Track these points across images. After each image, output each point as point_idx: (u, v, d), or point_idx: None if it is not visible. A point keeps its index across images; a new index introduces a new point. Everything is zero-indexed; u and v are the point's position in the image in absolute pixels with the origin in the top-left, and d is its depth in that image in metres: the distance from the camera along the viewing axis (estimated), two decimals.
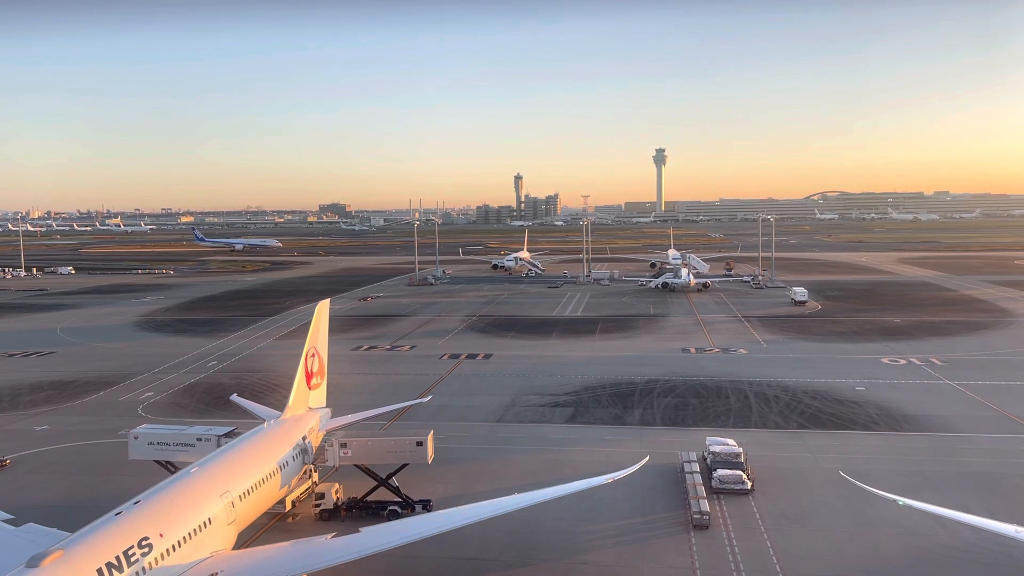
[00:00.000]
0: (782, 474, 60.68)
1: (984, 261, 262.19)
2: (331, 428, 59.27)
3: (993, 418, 76.03)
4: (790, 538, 49.54)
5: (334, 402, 64.71)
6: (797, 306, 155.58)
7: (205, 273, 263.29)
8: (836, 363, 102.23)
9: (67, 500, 57.44)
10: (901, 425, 74.19)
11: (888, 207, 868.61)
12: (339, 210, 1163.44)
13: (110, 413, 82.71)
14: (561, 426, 76.08)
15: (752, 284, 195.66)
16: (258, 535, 49.64)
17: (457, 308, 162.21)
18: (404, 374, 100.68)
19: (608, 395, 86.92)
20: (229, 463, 46.59)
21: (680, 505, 54.54)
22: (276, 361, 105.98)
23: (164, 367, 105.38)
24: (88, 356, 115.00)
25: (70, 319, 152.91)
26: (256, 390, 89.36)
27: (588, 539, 49.92)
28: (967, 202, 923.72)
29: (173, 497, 40.47)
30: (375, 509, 54.18)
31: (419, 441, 54.64)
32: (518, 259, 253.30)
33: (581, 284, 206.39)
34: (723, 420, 76.80)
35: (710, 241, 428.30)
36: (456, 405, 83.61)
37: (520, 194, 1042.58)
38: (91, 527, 36.07)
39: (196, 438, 54.74)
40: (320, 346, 61.51)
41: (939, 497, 50.95)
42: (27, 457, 68.63)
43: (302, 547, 41.41)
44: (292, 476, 51.90)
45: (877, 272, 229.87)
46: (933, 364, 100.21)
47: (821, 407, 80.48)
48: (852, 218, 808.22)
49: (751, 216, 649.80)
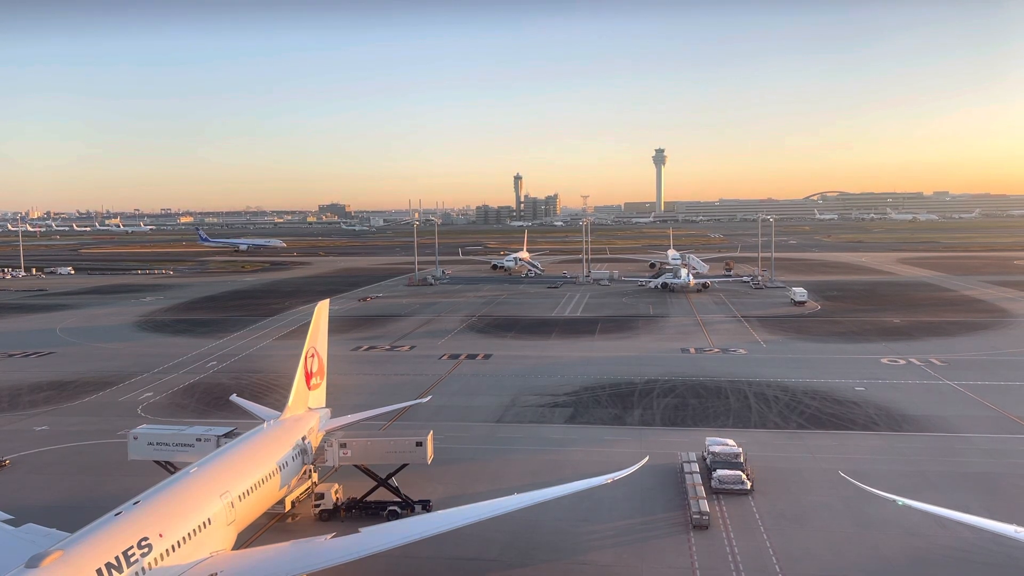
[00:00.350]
0: (781, 474, 60.67)
1: (983, 261, 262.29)
2: (331, 428, 59.20)
3: (992, 418, 76.06)
4: (790, 538, 49.54)
5: (334, 402, 64.69)
6: (796, 306, 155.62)
7: (205, 273, 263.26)
8: (835, 363, 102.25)
9: (67, 500, 57.39)
10: (900, 425, 74.21)
11: (887, 207, 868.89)
12: (339, 210, 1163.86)
13: (109, 413, 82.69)
14: (561, 426, 76.08)
15: (752, 284, 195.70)
16: (258, 535, 49.62)
17: (457, 308, 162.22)
18: (404, 374, 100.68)
19: (608, 395, 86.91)
20: (229, 463, 46.58)
21: (680, 505, 54.53)
22: (276, 361, 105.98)
23: (164, 367, 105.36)
24: (87, 356, 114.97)
25: (69, 319, 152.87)
26: (255, 390, 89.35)
27: (588, 539, 49.91)
28: (966, 202, 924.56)
29: (173, 497, 40.45)
30: (375, 509, 54.16)
31: (419, 441, 54.61)
32: (518, 259, 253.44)
33: (581, 284, 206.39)
34: (723, 420, 76.80)
35: (709, 241, 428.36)
36: (456, 405, 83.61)
37: (520, 194, 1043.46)
38: (90, 527, 36.05)
39: (195, 438, 54.72)
40: (320, 346, 61.50)
41: (939, 497, 50.97)
42: (26, 457, 68.59)
43: (301, 547, 41.40)
44: (292, 476, 51.88)
45: (876, 272, 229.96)
46: (932, 364, 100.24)
47: (820, 407, 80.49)
48: (852, 218, 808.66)
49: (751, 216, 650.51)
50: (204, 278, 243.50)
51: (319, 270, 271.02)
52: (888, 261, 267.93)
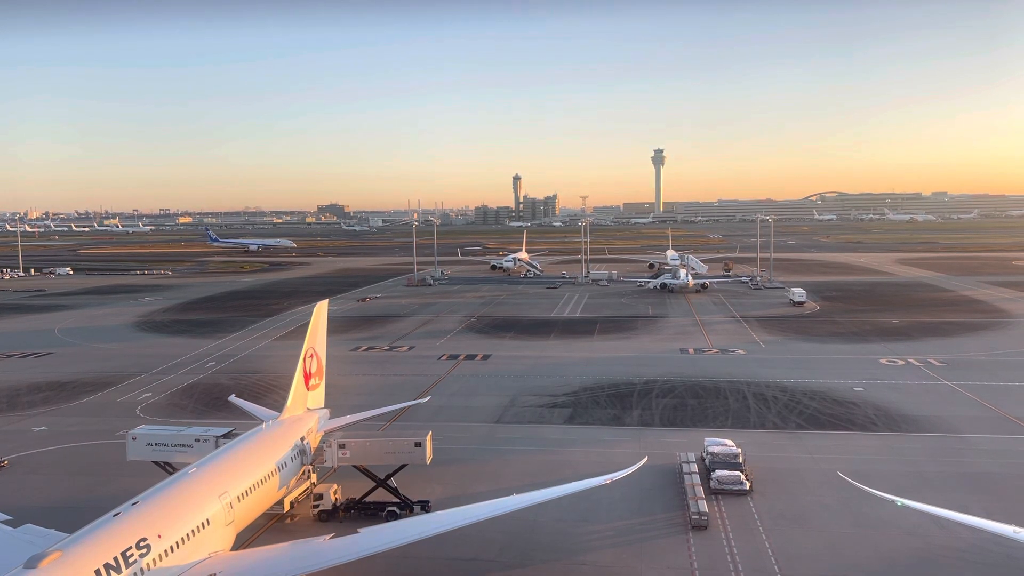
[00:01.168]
0: (780, 475, 60.69)
1: (982, 262, 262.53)
2: (330, 429, 59.14)
3: (991, 418, 76.10)
4: (789, 539, 49.55)
5: (332, 403, 64.62)
6: (795, 307, 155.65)
7: (203, 274, 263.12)
8: (834, 364, 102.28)
9: (65, 501, 57.36)
10: (899, 426, 74.24)
11: (884, 208, 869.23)
12: (337, 211, 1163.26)
13: (108, 414, 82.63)
14: (560, 427, 76.08)
15: (750, 285, 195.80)
16: (256, 536, 49.59)
17: (456, 309, 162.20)
18: (403, 375, 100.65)
19: (607, 396, 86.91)
20: (227, 464, 46.53)
21: (678, 506, 54.53)
22: (274, 362, 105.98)
23: (162, 368, 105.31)
24: (86, 357, 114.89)
25: (68, 320, 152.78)
26: (254, 391, 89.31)
27: (587, 540, 49.91)
28: (965, 203, 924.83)
29: (171, 498, 40.42)
30: (373, 510, 54.16)
31: (418, 442, 54.54)
32: (517, 260, 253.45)
33: (580, 285, 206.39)
34: (721, 421, 76.83)
35: (708, 242, 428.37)
36: (455, 406, 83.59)
37: (519, 195, 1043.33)
38: (89, 528, 36.02)
39: (194, 439, 54.66)
40: (318, 347, 61.47)
41: (937, 497, 50.94)
42: (25, 458, 68.55)
43: (300, 548, 41.37)
44: (291, 477, 51.85)
45: (875, 273, 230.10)
46: (931, 365, 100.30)
47: (819, 408, 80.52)
48: (851, 219, 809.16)
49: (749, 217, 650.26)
50: (203, 278, 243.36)
51: (318, 270, 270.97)
52: (887, 261, 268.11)
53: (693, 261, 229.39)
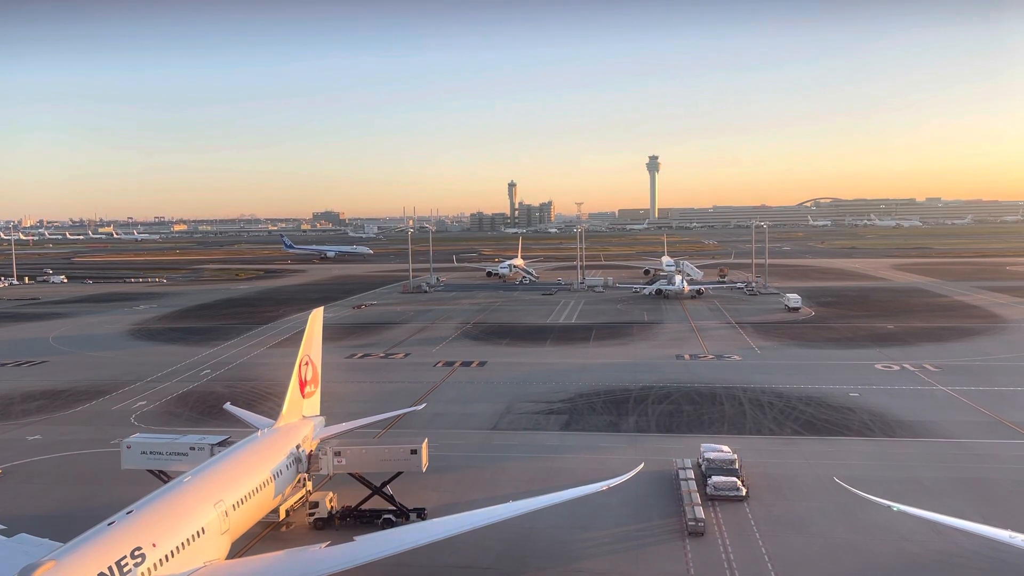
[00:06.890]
0: (777, 480, 60.73)
1: (976, 267, 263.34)
2: (325, 436, 59.09)
3: (986, 423, 76.25)
4: (785, 544, 49.53)
5: (328, 410, 64.53)
6: (791, 312, 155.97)
7: (198, 282, 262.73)
8: (830, 369, 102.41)
9: (60, 510, 57.08)
10: (895, 431, 74.35)
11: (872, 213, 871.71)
12: (332, 218, 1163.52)
13: (103, 422, 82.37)
14: (556, 433, 76.00)
15: (746, 291, 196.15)
16: (252, 544, 49.47)
17: (451, 315, 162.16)
18: (398, 382, 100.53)
19: (603, 402, 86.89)
20: (223, 472, 46.37)
21: (675, 512, 54.51)
22: (270, 369, 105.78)
23: (157, 376, 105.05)
24: (81, 365, 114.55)
25: (62, 328, 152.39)
26: (250, 399, 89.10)
27: (583, 547, 49.84)
28: (959, 208, 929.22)
29: (166, 506, 40.27)
30: (369, 518, 54.02)
31: (413, 449, 54.45)
32: (512, 266, 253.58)
33: (575, 291, 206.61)
34: (717, 427, 76.85)
35: (704, 248, 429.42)
36: (450, 413, 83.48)
37: (514, 201, 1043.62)
38: (83, 537, 35.84)
39: (189, 447, 54.53)
40: (314, 354, 61.38)
41: (933, 503, 51.11)
42: (20, 467, 68.25)
43: (296, 556, 41.27)
44: (286, 485, 51.73)
45: (870, 278, 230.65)
46: (926, 370, 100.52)
47: (815, 413, 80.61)
48: (845, 224, 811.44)
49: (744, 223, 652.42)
50: (198, 286, 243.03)
51: (313, 277, 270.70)
52: (881, 267, 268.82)
53: (688, 267, 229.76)
